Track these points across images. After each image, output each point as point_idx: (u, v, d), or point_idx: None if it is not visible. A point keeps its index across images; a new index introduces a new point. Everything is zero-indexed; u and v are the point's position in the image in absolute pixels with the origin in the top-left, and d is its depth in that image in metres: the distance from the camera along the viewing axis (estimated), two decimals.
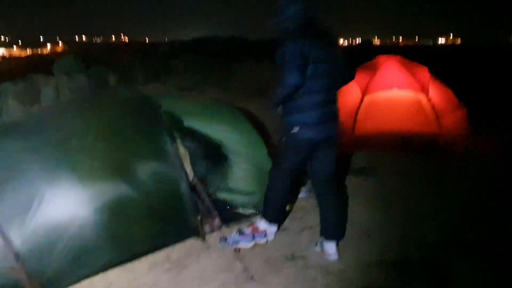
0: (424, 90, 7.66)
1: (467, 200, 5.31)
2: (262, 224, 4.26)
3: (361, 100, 7.75)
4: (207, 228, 4.48)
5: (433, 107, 7.52)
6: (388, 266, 3.87)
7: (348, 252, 4.10)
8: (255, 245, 4.18)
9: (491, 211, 4.98)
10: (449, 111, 7.89)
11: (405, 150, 7.29)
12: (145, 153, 4.18)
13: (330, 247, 4.03)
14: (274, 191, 4.15)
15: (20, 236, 3.45)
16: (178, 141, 4.45)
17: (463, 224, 4.65)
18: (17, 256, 3.38)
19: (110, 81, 14.49)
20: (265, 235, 4.24)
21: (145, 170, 4.09)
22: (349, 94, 7.98)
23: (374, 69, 8.12)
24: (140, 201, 3.98)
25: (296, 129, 3.79)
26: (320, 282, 3.63)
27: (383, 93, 7.75)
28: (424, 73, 8.10)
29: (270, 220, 4.24)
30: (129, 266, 3.89)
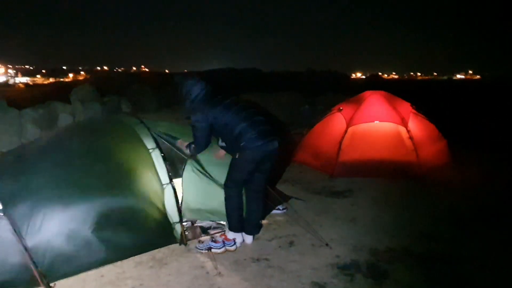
0: (404, 123, 8.35)
1: (425, 221, 5.94)
2: (230, 234, 5.02)
3: (346, 131, 8.46)
4: (189, 235, 5.21)
5: (411, 138, 8.19)
6: (338, 268, 4.54)
7: (306, 257, 4.78)
8: (226, 250, 4.87)
9: (440, 231, 5.60)
10: (428, 142, 8.57)
11: (384, 176, 7.96)
12: (138, 171, 4.96)
13: (249, 239, 5.14)
14: (232, 207, 5.06)
15: (29, 234, 4.20)
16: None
17: (413, 239, 5.32)
18: (25, 248, 4.11)
19: (123, 109, 15.45)
20: (234, 243, 4.95)
21: (137, 186, 4.87)
22: (335, 125, 8.74)
23: (359, 103, 8.87)
24: (132, 212, 4.75)
25: (237, 154, 4.87)
26: (276, 278, 4.31)
27: (366, 125, 8.47)
28: (405, 107, 8.83)
29: (235, 230, 5.06)
30: (118, 263, 4.59)
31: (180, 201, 5.17)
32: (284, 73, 40.42)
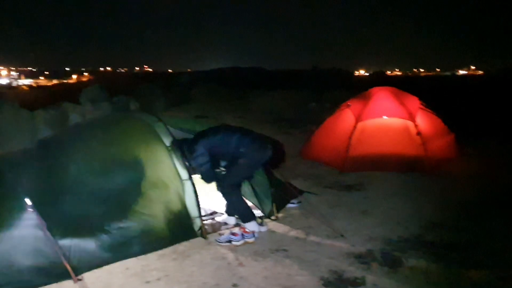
0: (412, 118, 8.51)
1: (435, 212, 6.11)
2: (249, 225, 5.21)
3: (355, 127, 8.62)
4: (209, 229, 5.40)
5: (419, 133, 8.35)
6: (354, 257, 4.71)
7: (323, 247, 4.97)
8: (245, 242, 5.06)
9: (450, 221, 5.77)
10: (436, 136, 8.74)
11: (393, 170, 8.13)
12: (157, 166, 5.16)
13: (251, 226, 5.35)
14: (237, 203, 5.45)
15: (58, 229, 4.40)
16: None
17: (424, 228, 5.51)
18: (55, 243, 4.30)
19: (132, 108, 15.65)
20: (253, 235, 5.13)
21: (157, 181, 5.07)
22: (345, 121, 8.91)
23: (367, 99, 9.04)
24: (154, 207, 4.95)
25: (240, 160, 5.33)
26: (295, 267, 4.49)
27: (375, 121, 8.64)
28: (413, 102, 9.00)
29: (250, 219, 5.33)
30: (142, 256, 4.78)
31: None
32: (289, 71, 40.66)
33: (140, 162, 5.14)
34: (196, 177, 5.55)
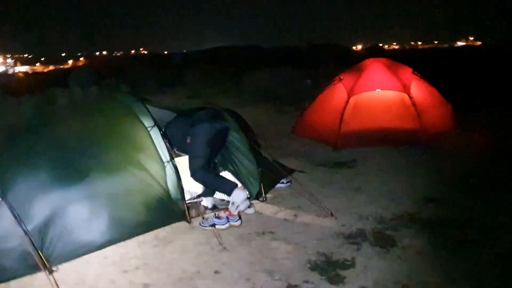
0: (406, 89, 8.21)
1: (430, 187, 5.86)
2: (235, 196, 4.93)
3: (347, 101, 8.33)
4: (193, 213, 5.15)
5: (414, 105, 8.06)
6: (344, 238, 4.48)
7: (311, 228, 4.73)
8: (230, 226, 4.81)
9: (445, 197, 5.52)
10: (432, 108, 8.45)
11: (388, 145, 7.85)
12: (136, 149, 4.88)
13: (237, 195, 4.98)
14: (212, 181, 5.17)
15: (28, 217, 4.14)
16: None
17: (418, 205, 5.26)
18: (25, 233, 4.05)
19: (122, 91, 15.30)
20: (239, 218, 4.88)
21: (137, 165, 4.79)
22: (337, 96, 8.61)
23: (360, 72, 8.72)
24: (134, 191, 4.68)
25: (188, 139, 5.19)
26: (281, 250, 4.26)
27: (368, 94, 8.34)
28: (407, 73, 8.67)
29: (233, 188, 5.00)
30: (121, 243, 4.53)
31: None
32: (284, 48, 40.01)
33: (118, 143, 4.88)
34: (180, 160, 5.29)
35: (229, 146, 5.56)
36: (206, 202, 5.43)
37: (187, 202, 5.24)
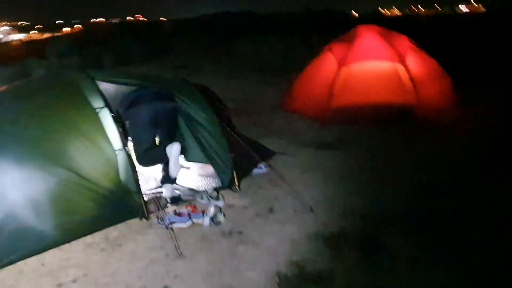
0: (402, 60, 7.45)
1: (425, 174, 5.19)
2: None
3: (337, 73, 7.57)
4: (152, 207, 4.47)
5: (411, 78, 7.31)
6: (323, 240, 3.81)
7: (286, 227, 4.06)
8: (193, 224, 4.15)
9: (440, 186, 4.85)
10: (430, 81, 7.69)
11: (381, 122, 7.13)
12: (80, 134, 4.16)
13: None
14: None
15: None
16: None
17: (410, 197, 4.59)
18: None
19: (105, 61, 14.53)
20: (202, 214, 4.21)
21: (81, 152, 4.09)
22: (326, 67, 7.86)
23: (351, 40, 7.93)
24: (77, 184, 3.99)
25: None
26: (248, 258, 3.60)
27: (360, 64, 7.58)
28: (402, 42, 7.89)
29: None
30: (66, 246, 3.89)
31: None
32: (279, 14, 38.68)
33: (60, 128, 4.17)
34: None
35: (195, 128, 4.87)
36: (166, 191, 4.76)
37: (151, 192, 4.61)
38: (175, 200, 4.65)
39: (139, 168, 4.79)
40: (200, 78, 12.35)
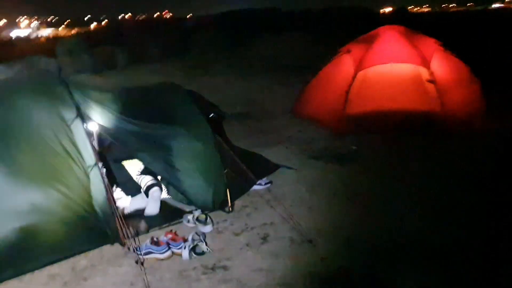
0: (425, 63, 6.75)
1: (448, 196, 4.52)
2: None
3: (354, 76, 6.92)
4: (130, 231, 3.93)
5: (434, 83, 6.62)
6: (319, 283, 3.21)
7: (279, 263, 3.47)
8: (172, 254, 3.60)
9: (466, 212, 4.17)
10: (456, 86, 6.95)
11: (400, 132, 6.45)
12: (48, 146, 3.67)
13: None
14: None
15: None
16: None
17: (428, 225, 3.94)
18: None
19: (118, 59, 14.14)
20: (183, 244, 3.64)
21: (48, 166, 3.63)
22: (342, 70, 7.23)
23: (370, 42, 7.27)
24: (42, 204, 3.52)
25: None
26: None
27: (379, 68, 6.93)
28: (428, 44, 7.18)
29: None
30: (28, 276, 3.41)
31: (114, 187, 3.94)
32: (302, 12, 37.66)
33: (24, 141, 3.67)
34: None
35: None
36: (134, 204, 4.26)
37: (131, 212, 4.11)
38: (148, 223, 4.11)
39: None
40: (212, 79, 11.89)
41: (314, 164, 5.64)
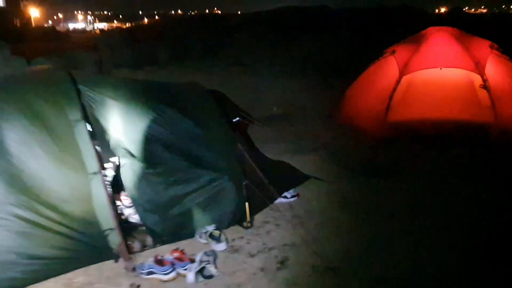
0: (479, 68, 6.10)
1: (496, 222, 3.92)
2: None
3: (399, 80, 6.35)
4: (136, 245, 3.60)
5: (488, 90, 5.96)
6: None
7: None
8: (178, 275, 3.22)
9: None
10: None
11: (448, 143, 5.83)
12: (47, 151, 3.36)
13: None
14: None
15: None
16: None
17: (470, 259, 3.37)
18: None
19: (160, 56, 14.02)
20: (192, 265, 3.25)
21: (46, 173, 3.33)
22: (386, 74, 6.69)
23: (418, 43, 6.67)
24: (38, 214, 3.23)
25: None
26: None
27: (426, 73, 6.37)
28: (483, 47, 6.50)
29: None
30: None
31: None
32: (353, 9, 36.72)
33: (23, 142, 3.36)
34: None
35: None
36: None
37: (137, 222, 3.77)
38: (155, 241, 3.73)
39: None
40: (252, 78, 11.51)
41: (349, 176, 5.14)
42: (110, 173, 4.40)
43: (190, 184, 3.84)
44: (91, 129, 3.56)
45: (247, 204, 3.94)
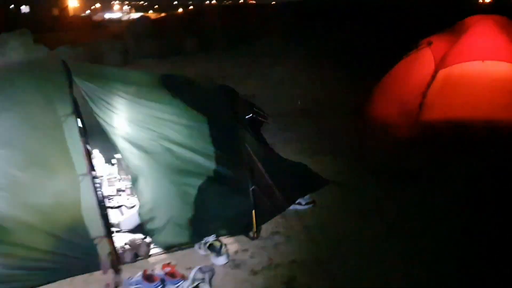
0: None
1: None
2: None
3: (434, 75, 5.78)
4: (127, 255, 3.23)
5: None
6: None
7: None
8: None
9: None
10: None
11: (488, 147, 5.23)
12: (32, 148, 3.02)
13: None
14: None
15: None
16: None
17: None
18: None
19: (186, 46, 13.75)
20: (184, 283, 2.85)
21: (30, 174, 2.99)
22: (421, 67, 6.13)
23: (458, 34, 6.08)
24: (20, 220, 2.92)
25: None
26: None
27: (466, 66, 5.76)
28: None
29: None
30: None
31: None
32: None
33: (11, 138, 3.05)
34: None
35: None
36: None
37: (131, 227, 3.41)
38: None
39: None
40: (278, 70, 11.02)
41: (373, 181, 4.63)
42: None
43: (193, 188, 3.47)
44: (81, 125, 3.19)
45: (253, 212, 3.51)
